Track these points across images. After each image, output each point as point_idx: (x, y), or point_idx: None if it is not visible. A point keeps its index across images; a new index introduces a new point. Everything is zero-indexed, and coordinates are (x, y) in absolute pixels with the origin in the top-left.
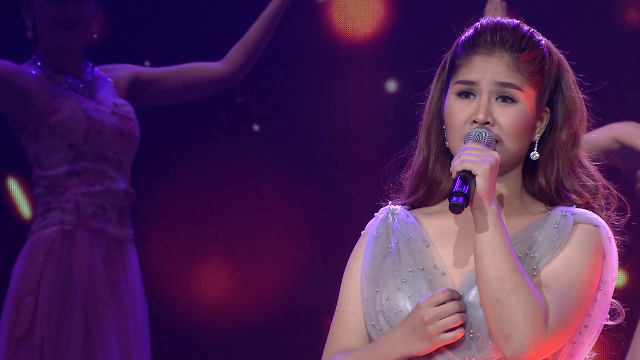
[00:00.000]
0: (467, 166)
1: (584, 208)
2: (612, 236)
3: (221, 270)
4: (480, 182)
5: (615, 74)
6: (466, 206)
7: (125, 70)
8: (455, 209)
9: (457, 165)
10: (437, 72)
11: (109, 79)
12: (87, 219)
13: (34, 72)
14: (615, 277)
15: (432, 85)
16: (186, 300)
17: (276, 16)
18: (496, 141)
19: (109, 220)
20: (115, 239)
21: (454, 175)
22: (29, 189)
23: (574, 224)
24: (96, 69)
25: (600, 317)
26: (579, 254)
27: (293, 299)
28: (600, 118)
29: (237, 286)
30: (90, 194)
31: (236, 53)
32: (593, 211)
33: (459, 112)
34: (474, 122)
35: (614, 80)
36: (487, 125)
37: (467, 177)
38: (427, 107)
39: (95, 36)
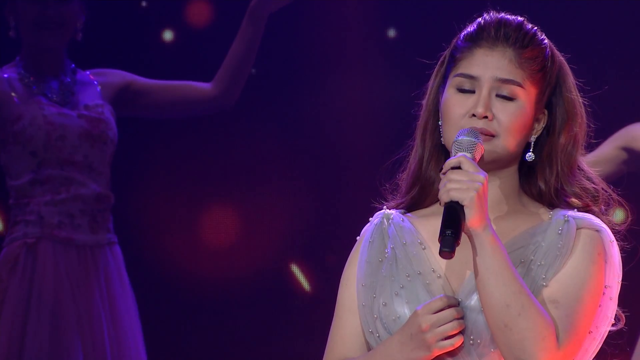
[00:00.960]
0: (454, 196)
1: (584, 211)
2: (614, 239)
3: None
4: (469, 213)
5: (617, 78)
6: (458, 244)
7: (117, 77)
8: (446, 257)
9: (444, 195)
10: (436, 68)
11: (95, 82)
12: (52, 229)
13: (6, 76)
14: (620, 281)
15: (430, 82)
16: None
17: (254, 40)
18: (493, 136)
19: (77, 228)
20: (87, 247)
21: (441, 204)
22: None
23: (576, 229)
24: (87, 72)
25: (604, 323)
26: (583, 263)
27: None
28: (599, 123)
29: (238, 247)
30: (55, 203)
31: (223, 76)
32: (593, 214)
33: (457, 105)
34: (473, 115)
35: (615, 84)
36: (486, 120)
37: (456, 207)
38: (424, 104)
39: (80, 37)
